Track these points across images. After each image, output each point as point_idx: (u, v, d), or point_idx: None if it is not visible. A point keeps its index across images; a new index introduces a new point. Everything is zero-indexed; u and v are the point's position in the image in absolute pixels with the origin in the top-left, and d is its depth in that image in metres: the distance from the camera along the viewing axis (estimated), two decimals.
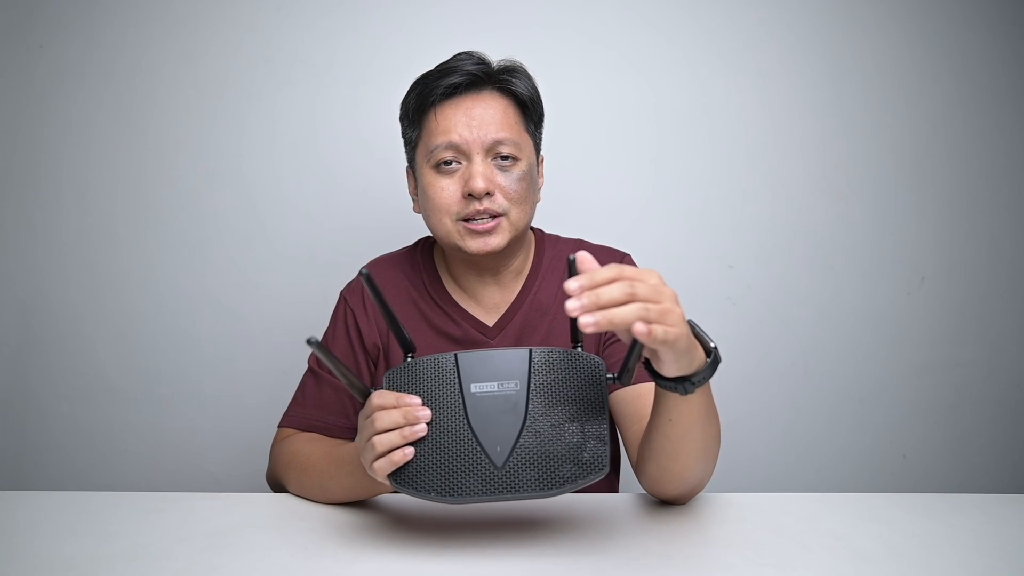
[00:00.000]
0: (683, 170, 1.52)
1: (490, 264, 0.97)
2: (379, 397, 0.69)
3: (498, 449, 0.67)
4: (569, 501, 0.85)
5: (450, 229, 0.91)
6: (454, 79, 0.91)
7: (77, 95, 1.49)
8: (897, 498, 0.86)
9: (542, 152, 1.02)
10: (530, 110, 0.95)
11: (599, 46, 1.50)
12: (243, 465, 1.53)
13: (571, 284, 0.57)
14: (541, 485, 0.65)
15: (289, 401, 1.02)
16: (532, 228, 1.07)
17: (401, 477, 0.67)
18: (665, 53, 1.51)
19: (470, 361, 0.70)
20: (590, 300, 0.57)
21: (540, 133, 1.00)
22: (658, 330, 0.59)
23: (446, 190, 0.91)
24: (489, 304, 1.00)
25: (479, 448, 0.67)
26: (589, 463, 0.66)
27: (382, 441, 0.67)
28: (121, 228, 1.51)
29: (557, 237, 1.07)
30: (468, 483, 0.66)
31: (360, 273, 0.66)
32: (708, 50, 1.51)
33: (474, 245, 0.91)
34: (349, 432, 0.96)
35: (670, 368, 0.65)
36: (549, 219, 1.12)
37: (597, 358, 0.70)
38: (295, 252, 1.51)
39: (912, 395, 1.57)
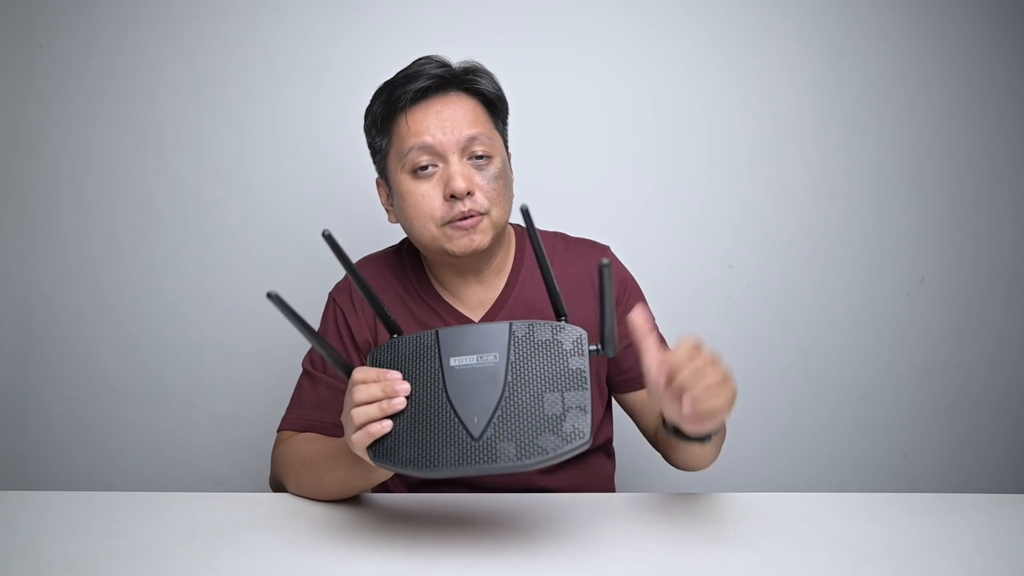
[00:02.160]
0: (683, 170, 1.52)
1: (472, 265, 0.97)
2: (360, 372, 0.70)
3: (475, 420, 0.65)
4: (569, 501, 0.85)
5: (435, 234, 0.91)
6: (421, 83, 0.90)
7: (77, 95, 1.49)
8: (897, 498, 0.87)
9: (510, 148, 1.02)
10: (497, 107, 0.96)
11: (598, 46, 1.50)
12: (243, 465, 1.53)
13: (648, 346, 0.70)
14: (519, 455, 0.64)
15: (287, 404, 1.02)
16: (513, 225, 1.07)
17: (379, 451, 0.67)
18: (665, 52, 1.51)
19: (450, 336, 0.69)
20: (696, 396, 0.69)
21: (507, 131, 1.01)
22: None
23: (427, 196, 0.90)
24: (474, 301, 1.00)
25: (456, 419, 0.66)
26: (570, 433, 0.65)
27: (359, 413, 0.68)
28: (121, 228, 1.51)
29: (540, 231, 1.07)
30: (445, 455, 0.65)
31: (323, 234, 0.68)
32: (708, 50, 1.51)
33: (460, 244, 0.90)
34: None
35: (697, 429, 0.76)
36: (549, 219, 1.12)
37: (579, 329, 0.69)
38: (296, 252, 1.51)
39: (912, 395, 1.57)
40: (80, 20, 1.48)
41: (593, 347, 0.69)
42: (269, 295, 0.63)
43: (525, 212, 0.67)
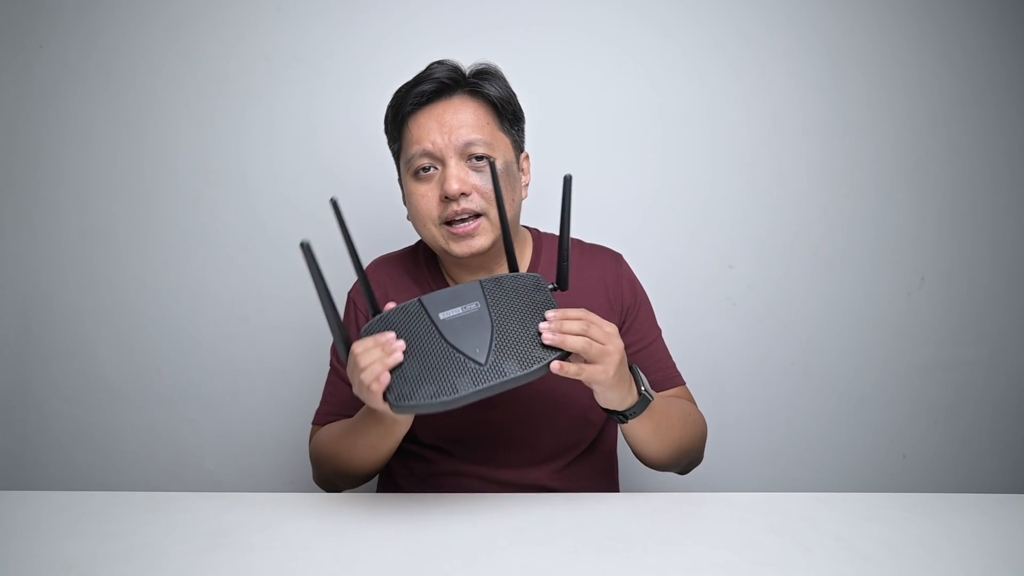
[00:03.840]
0: (684, 170, 1.52)
1: (481, 264, 1.00)
2: (359, 345, 0.76)
3: (477, 350, 0.74)
4: (570, 501, 0.85)
5: (435, 234, 0.95)
6: (423, 87, 0.94)
7: (77, 95, 1.49)
8: (897, 498, 0.87)
9: (526, 150, 1.03)
10: (502, 109, 0.97)
11: (601, 45, 1.50)
12: (243, 465, 1.53)
13: (549, 313, 0.77)
14: (523, 366, 0.73)
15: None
16: (528, 228, 1.09)
17: (397, 396, 0.72)
18: (667, 52, 1.50)
19: (432, 299, 0.79)
20: (556, 323, 0.76)
21: (519, 131, 1.01)
22: (587, 370, 0.77)
23: (425, 196, 0.94)
24: None
25: (460, 354, 0.74)
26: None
27: (366, 376, 0.73)
28: (121, 228, 1.51)
29: (553, 236, 1.09)
30: (459, 382, 0.72)
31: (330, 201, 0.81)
32: (710, 50, 1.51)
33: (459, 248, 0.94)
34: None
35: (603, 401, 0.82)
36: (551, 219, 1.12)
37: (535, 274, 0.82)
38: (294, 251, 1.50)
39: (912, 395, 1.57)
40: (80, 20, 1.48)
41: (551, 285, 0.82)
42: (302, 244, 0.70)
43: (567, 180, 0.80)
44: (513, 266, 0.85)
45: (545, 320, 0.76)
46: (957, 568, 0.69)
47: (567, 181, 0.80)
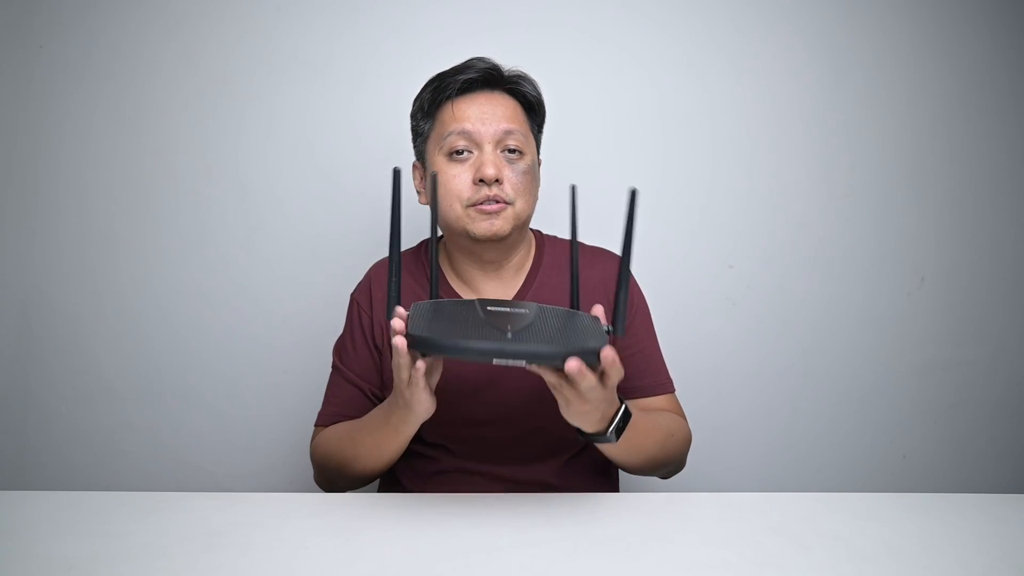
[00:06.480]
0: (684, 170, 1.52)
1: (492, 255, 1.01)
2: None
3: (509, 327, 0.72)
4: (570, 501, 0.85)
5: (460, 214, 0.96)
6: (470, 75, 0.98)
7: (77, 95, 1.49)
8: (897, 498, 0.86)
9: (541, 156, 1.06)
10: (535, 113, 1.03)
11: (600, 46, 1.50)
12: (243, 465, 1.53)
13: (607, 353, 0.71)
14: (548, 343, 0.69)
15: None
16: (532, 229, 1.11)
17: (416, 326, 0.71)
18: (668, 52, 1.51)
19: (488, 300, 0.79)
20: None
21: (541, 138, 1.06)
22: (569, 399, 0.75)
23: (458, 177, 0.96)
24: (492, 297, 1.04)
25: (493, 327, 0.72)
26: (592, 337, 0.72)
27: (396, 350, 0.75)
28: (120, 228, 1.51)
29: (555, 238, 1.13)
30: (481, 338, 0.69)
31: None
32: (711, 50, 1.51)
33: (481, 227, 0.96)
34: None
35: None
36: (550, 218, 1.13)
37: (594, 315, 0.78)
38: (294, 252, 1.51)
39: (912, 395, 1.57)
40: (80, 20, 1.48)
41: (607, 328, 0.77)
42: (395, 170, 0.72)
43: (633, 193, 0.75)
44: (575, 303, 0.84)
45: (590, 326, 0.75)
46: (957, 568, 0.69)
47: (633, 195, 0.74)
